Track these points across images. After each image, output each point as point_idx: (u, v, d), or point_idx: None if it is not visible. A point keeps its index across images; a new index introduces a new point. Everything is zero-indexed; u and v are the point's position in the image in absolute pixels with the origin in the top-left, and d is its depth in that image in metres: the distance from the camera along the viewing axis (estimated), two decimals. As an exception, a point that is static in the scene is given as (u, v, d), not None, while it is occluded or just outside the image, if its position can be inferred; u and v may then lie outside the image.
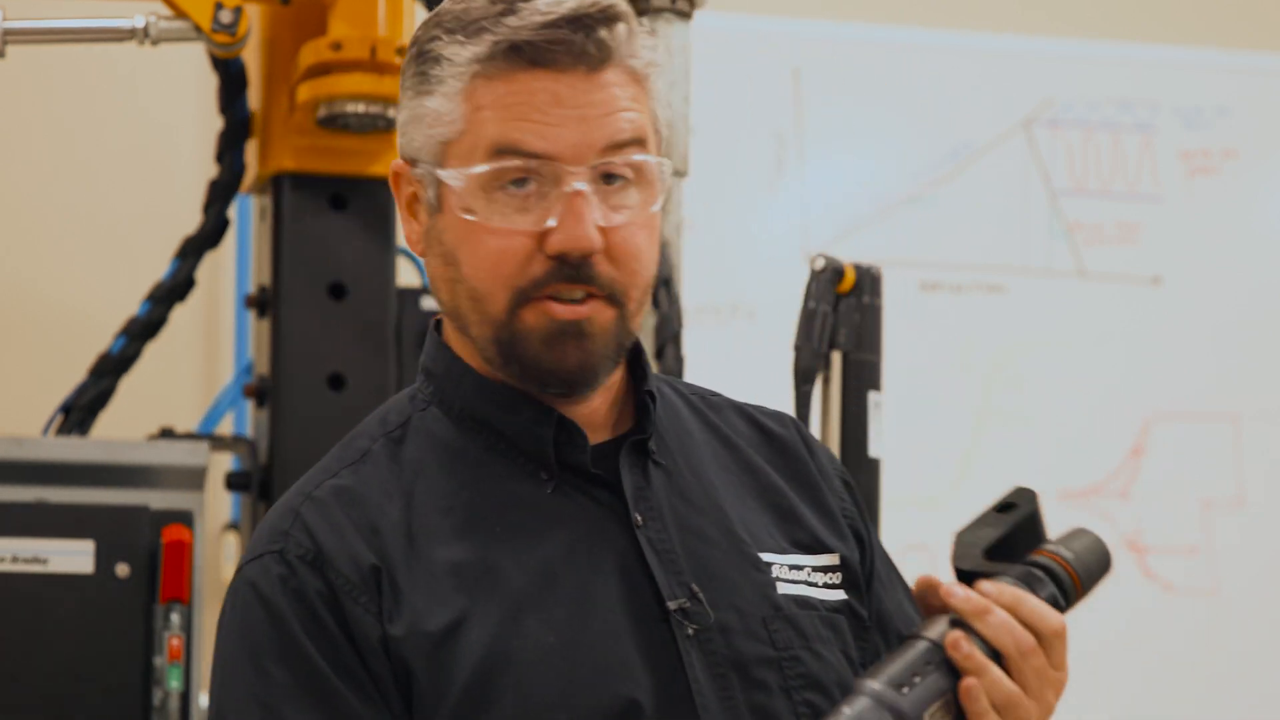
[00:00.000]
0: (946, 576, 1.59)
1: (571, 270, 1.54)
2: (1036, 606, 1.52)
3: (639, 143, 1.57)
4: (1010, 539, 1.52)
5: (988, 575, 1.49)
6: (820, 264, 2.76)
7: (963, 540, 1.52)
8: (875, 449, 2.75)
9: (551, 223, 1.54)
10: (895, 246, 4.26)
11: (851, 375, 2.75)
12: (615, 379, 1.65)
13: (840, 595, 1.65)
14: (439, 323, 1.68)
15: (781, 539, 1.65)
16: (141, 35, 2.82)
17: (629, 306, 1.58)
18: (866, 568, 1.71)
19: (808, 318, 2.74)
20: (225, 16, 2.80)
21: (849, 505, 1.73)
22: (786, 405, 2.75)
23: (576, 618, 1.54)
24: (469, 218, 1.56)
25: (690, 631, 1.55)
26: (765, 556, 1.62)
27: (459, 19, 1.57)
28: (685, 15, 2.92)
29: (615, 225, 1.56)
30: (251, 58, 3.07)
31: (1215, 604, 4.37)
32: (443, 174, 1.58)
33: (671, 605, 1.56)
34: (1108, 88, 4.45)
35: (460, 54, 1.56)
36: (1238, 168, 4.47)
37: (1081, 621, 4.80)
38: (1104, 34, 4.52)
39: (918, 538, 4.21)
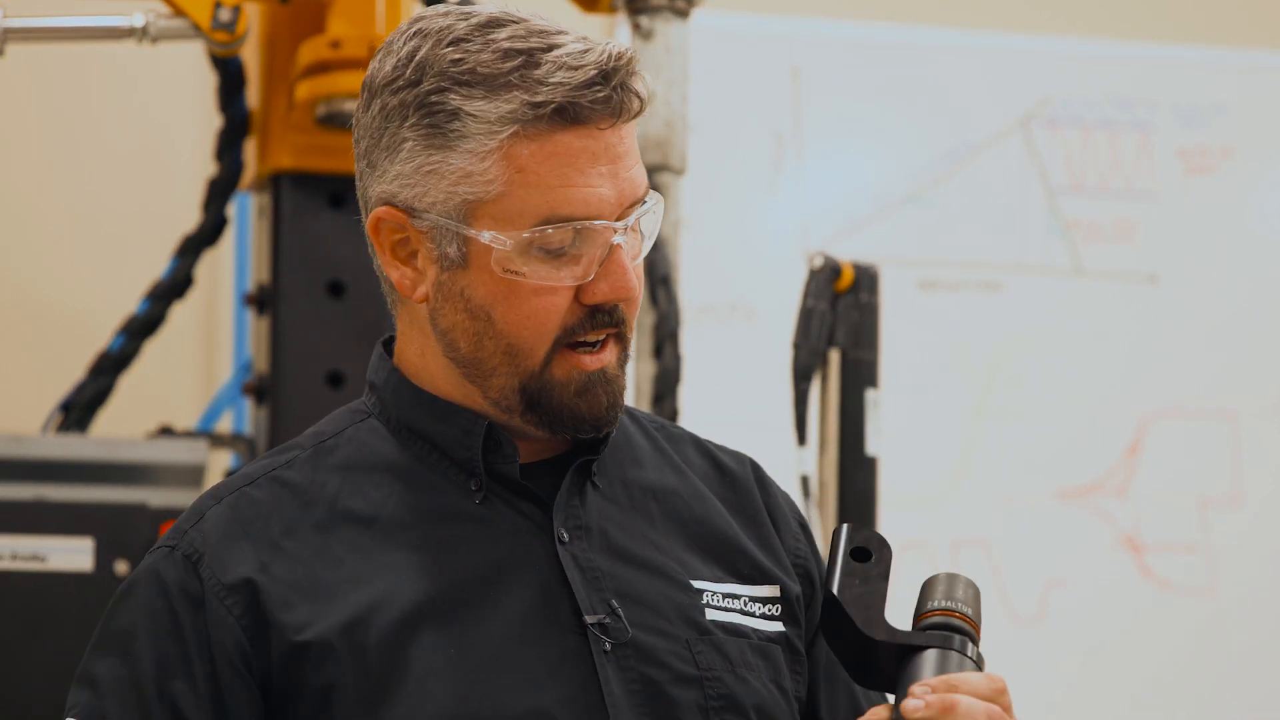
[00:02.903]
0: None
1: (606, 317, 1.58)
2: (978, 679, 1.49)
3: (650, 189, 1.61)
4: (882, 591, 1.54)
5: (900, 643, 1.51)
6: (818, 262, 2.76)
7: (852, 603, 1.53)
8: (873, 447, 2.76)
9: (591, 275, 1.56)
10: (893, 245, 4.27)
11: (849, 373, 2.76)
12: None
13: (778, 626, 1.66)
14: (388, 341, 1.68)
15: (719, 568, 1.66)
16: (141, 34, 2.82)
17: (628, 335, 1.62)
18: (814, 611, 1.71)
19: (806, 316, 2.75)
20: (224, 15, 2.80)
21: (803, 547, 1.74)
22: (785, 403, 2.76)
23: (483, 629, 1.54)
24: (515, 278, 1.56)
25: (607, 647, 1.56)
26: (698, 584, 1.63)
27: (473, 73, 1.55)
28: (684, 14, 2.92)
29: (636, 268, 1.60)
30: (250, 56, 3.08)
31: (1213, 602, 4.38)
32: (482, 235, 1.56)
33: (589, 619, 1.56)
34: (1105, 86, 4.45)
35: (488, 111, 1.54)
36: (1235, 166, 4.48)
37: (1080, 620, 4.79)
38: (1102, 33, 4.52)
39: (916, 536, 4.22)
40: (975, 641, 1.52)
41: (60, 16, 2.86)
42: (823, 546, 1.82)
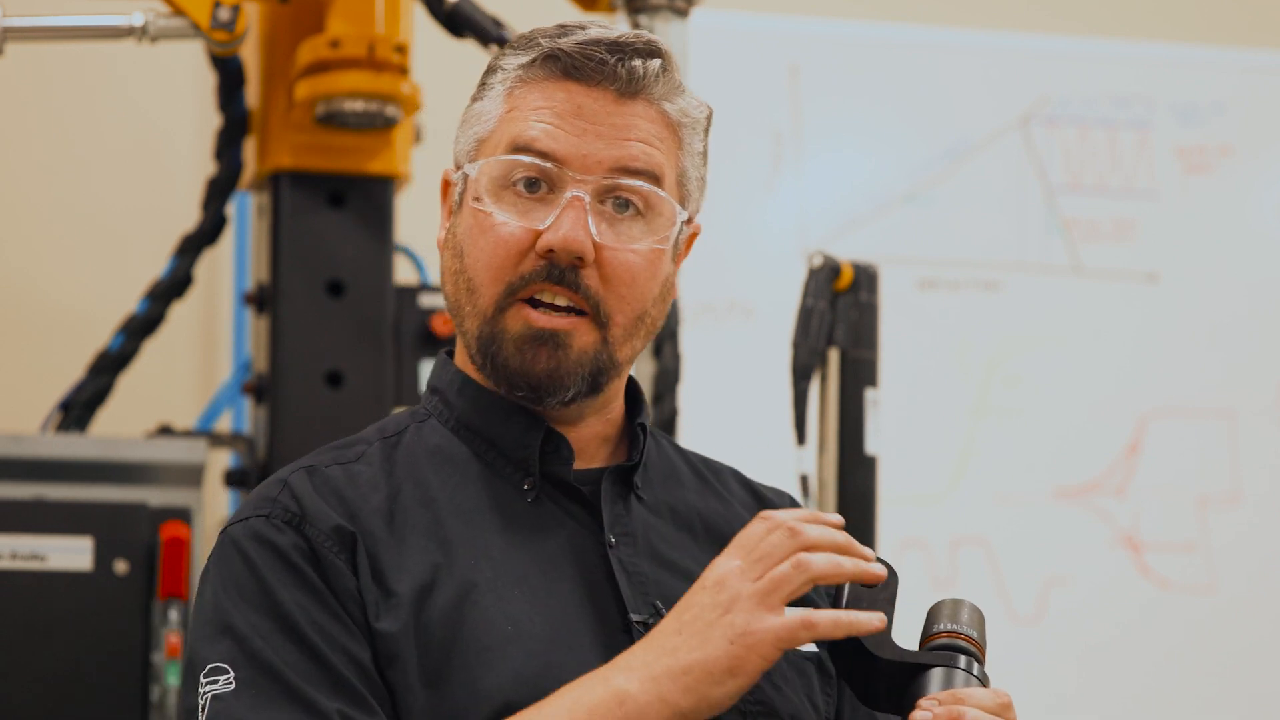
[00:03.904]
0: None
1: (558, 272, 1.61)
2: (984, 694, 1.54)
3: (653, 177, 1.64)
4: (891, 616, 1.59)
5: (908, 662, 1.55)
6: (818, 261, 2.76)
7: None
8: (872, 446, 2.76)
9: (548, 222, 1.61)
10: (892, 244, 4.27)
11: (849, 372, 2.76)
12: (614, 413, 1.72)
13: (811, 647, 1.69)
14: (450, 351, 1.75)
15: None
16: (140, 33, 2.82)
17: (613, 330, 1.64)
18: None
19: (805, 315, 2.75)
20: (223, 14, 2.80)
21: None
22: (784, 402, 2.76)
23: (538, 611, 1.58)
24: (477, 206, 1.64)
25: None
26: None
27: (525, 38, 1.68)
28: (682, 13, 2.93)
29: (612, 245, 1.63)
30: (250, 55, 3.08)
31: (1212, 601, 4.38)
32: (468, 167, 1.66)
33: (635, 618, 1.60)
34: (1104, 84, 4.45)
35: (511, 63, 1.67)
36: (1234, 164, 4.48)
37: (1079, 619, 4.79)
38: (1100, 31, 4.52)
39: (915, 534, 4.22)
40: (981, 662, 1.57)
41: (59, 16, 2.86)
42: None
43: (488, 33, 2.98)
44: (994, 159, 4.39)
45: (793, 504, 1.83)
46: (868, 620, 1.49)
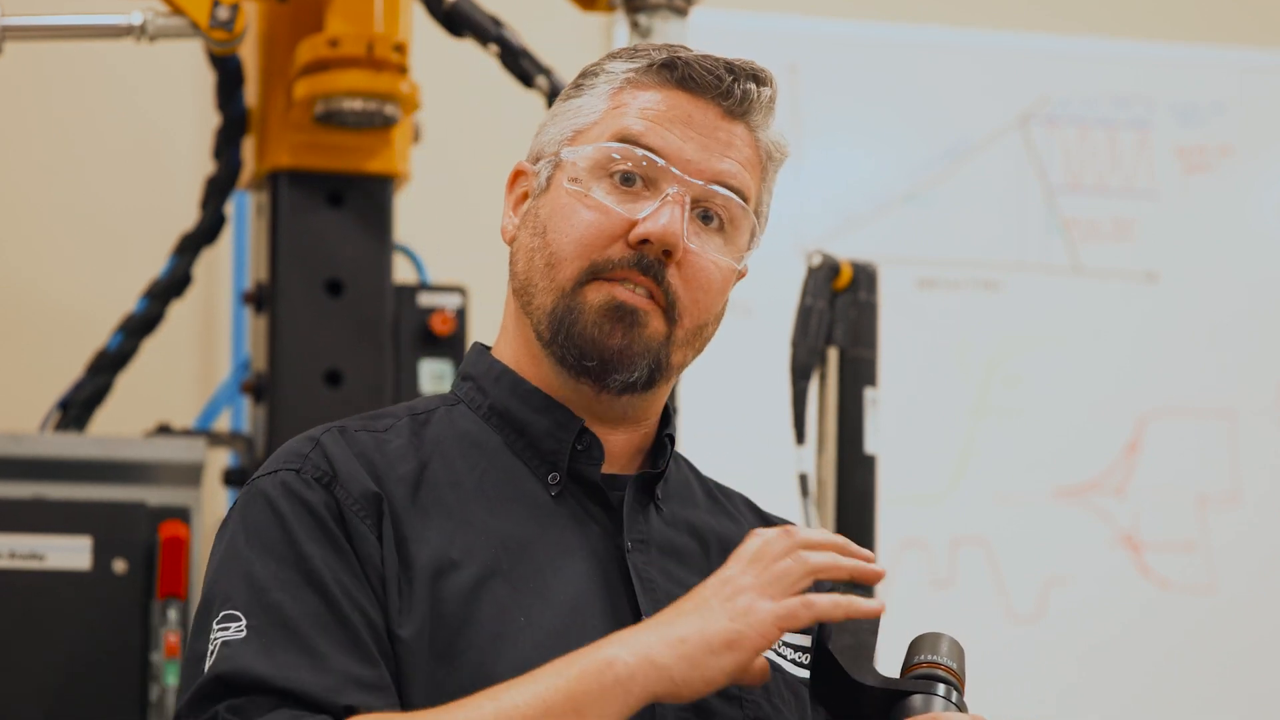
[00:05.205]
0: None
1: (646, 262, 1.64)
2: (963, 718, 1.57)
3: (744, 197, 1.69)
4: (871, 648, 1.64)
5: (889, 689, 1.59)
6: (817, 260, 2.76)
7: (842, 653, 1.62)
8: (871, 445, 2.76)
9: (645, 213, 1.64)
10: (891, 243, 4.27)
11: (848, 372, 2.75)
12: (649, 426, 1.74)
13: (805, 674, 1.70)
14: (485, 346, 1.77)
15: None
16: (139, 32, 2.82)
17: (679, 331, 1.67)
18: None
19: (804, 314, 2.75)
20: (222, 13, 2.80)
21: None
22: (783, 401, 2.75)
23: (551, 602, 1.59)
24: (572, 188, 1.66)
25: None
26: None
27: (631, 51, 1.73)
28: (682, 12, 2.93)
29: (695, 250, 1.66)
30: (249, 54, 3.08)
31: (1211, 600, 4.38)
32: (565, 151, 1.68)
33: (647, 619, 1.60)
34: (1104, 84, 4.45)
35: (619, 68, 1.71)
36: (1234, 164, 4.48)
37: (1079, 618, 4.79)
38: (1100, 31, 4.52)
39: (915, 534, 4.22)
40: (961, 692, 1.61)
41: (58, 15, 2.86)
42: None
43: (487, 32, 2.98)
44: (994, 159, 4.39)
45: None
46: (867, 605, 1.51)
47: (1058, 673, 4.28)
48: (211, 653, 1.53)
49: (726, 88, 1.67)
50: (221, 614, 1.54)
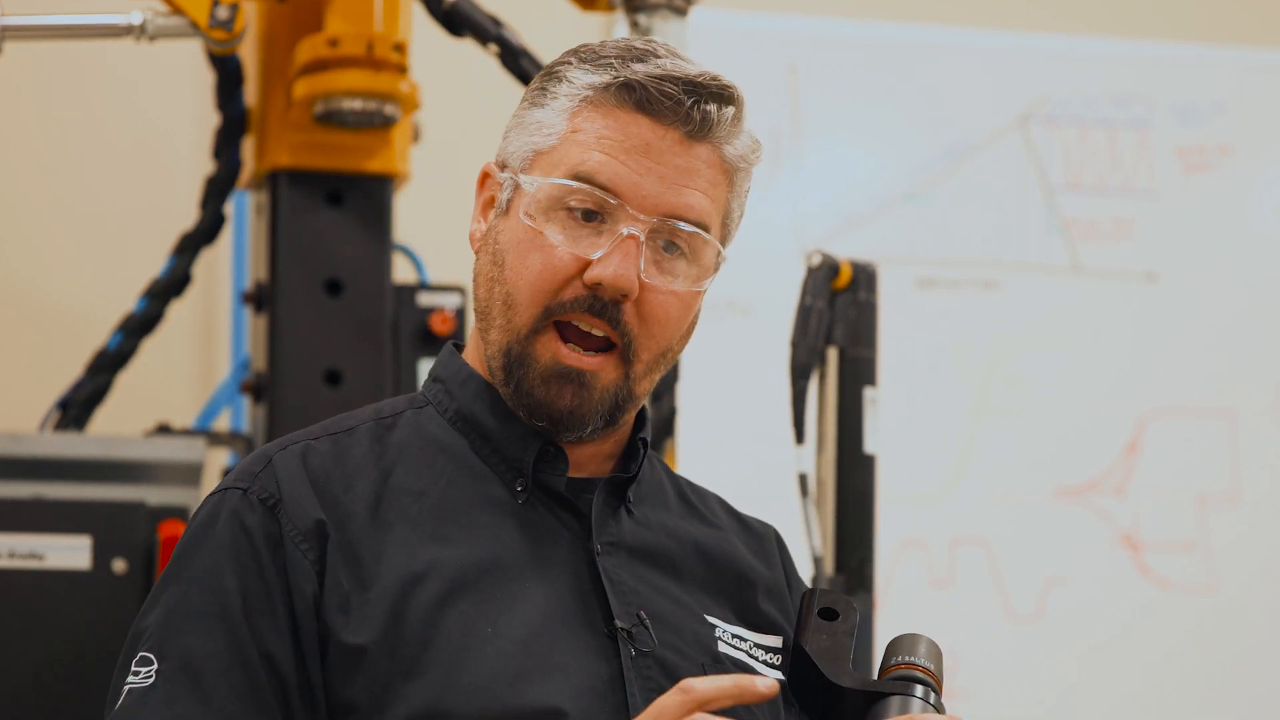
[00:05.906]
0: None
1: (600, 305, 1.62)
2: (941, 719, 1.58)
3: (705, 227, 1.65)
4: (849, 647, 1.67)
5: (866, 690, 1.61)
6: (816, 260, 2.76)
7: (819, 654, 1.65)
8: (871, 445, 2.76)
9: (598, 254, 1.61)
10: (891, 243, 4.27)
11: (847, 371, 2.75)
12: (621, 433, 1.72)
13: (778, 675, 1.70)
14: (457, 345, 1.76)
15: (730, 611, 1.72)
16: (138, 32, 2.81)
17: (636, 366, 1.65)
18: None
19: (804, 314, 2.75)
20: (222, 13, 2.80)
21: None
22: (783, 401, 2.75)
23: (519, 612, 1.59)
24: (528, 222, 1.63)
25: (633, 653, 1.61)
26: (710, 619, 1.69)
27: (594, 52, 1.67)
28: (682, 12, 2.92)
29: (655, 285, 1.63)
30: (248, 54, 3.07)
31: (1211, 600, 4.38)
32: (523, 179, 1.65)
33: (620, 624, 1.61)
34: (1104, 84, 4.45)
35: (580, 78, 1.65)
36: (1233, 164, 4.48)
37: (1079, 618, 4.79)
38: (1100, 30, 4.52)
39: (914, 534, 4.22)
40: (938, 693, 1.62)
41: (58, 14, 2.86)
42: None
43: (486, 31, 2.98)
44: (993, 158, 4.39)
45: (778, 536, 1.85)
46: (760, 686, 1.49)
47: (1057, 673, 4.28)
48: (120, 697, 1.56)
49: (685, 112, 1.62)
50: (140, 654, 1.57)
